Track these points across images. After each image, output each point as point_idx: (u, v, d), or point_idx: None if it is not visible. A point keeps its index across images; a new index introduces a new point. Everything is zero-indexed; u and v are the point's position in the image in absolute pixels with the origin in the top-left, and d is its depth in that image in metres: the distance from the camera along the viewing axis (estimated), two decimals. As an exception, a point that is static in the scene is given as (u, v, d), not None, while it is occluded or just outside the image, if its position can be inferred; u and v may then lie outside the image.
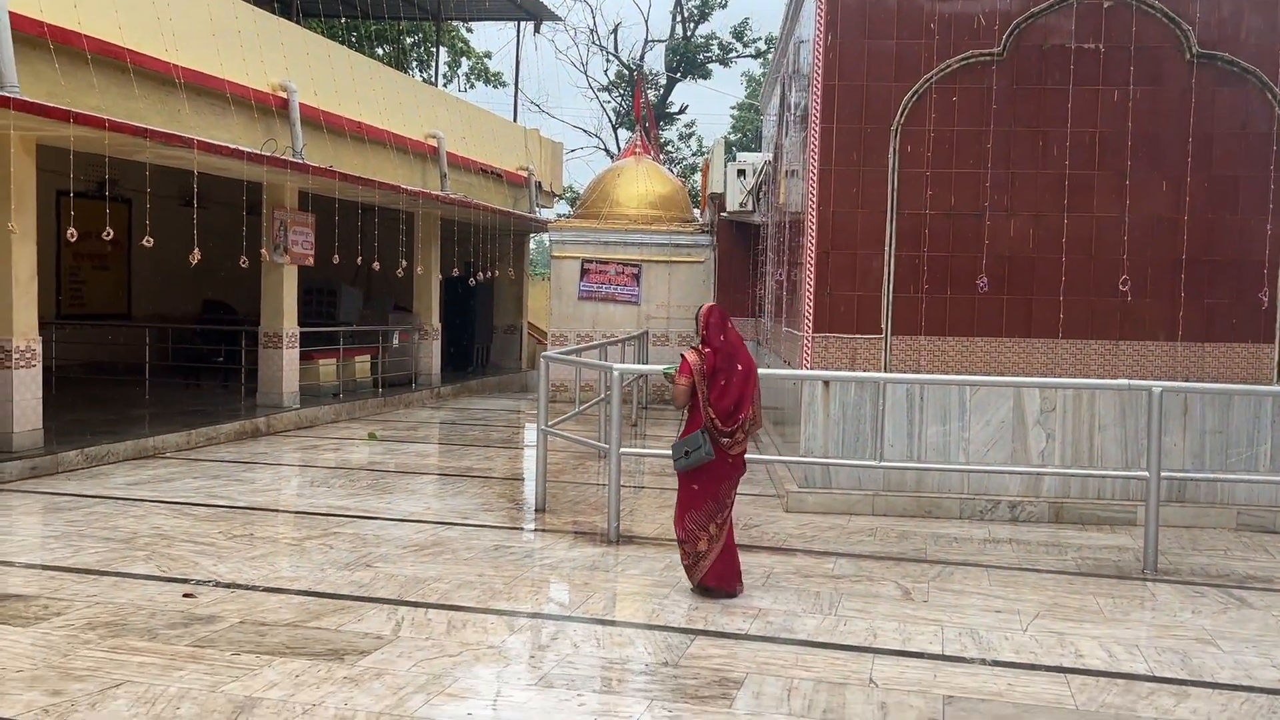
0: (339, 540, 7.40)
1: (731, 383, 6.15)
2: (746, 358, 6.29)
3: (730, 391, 6.14)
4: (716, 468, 6.16)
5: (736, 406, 6.14)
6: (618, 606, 5.98)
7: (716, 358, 6.17)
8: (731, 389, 6.14)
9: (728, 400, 6.13)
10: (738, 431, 6.15)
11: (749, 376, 6.21)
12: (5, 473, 9.27)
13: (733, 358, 6.20)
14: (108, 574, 6.36)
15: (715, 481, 6.19)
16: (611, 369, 7.65)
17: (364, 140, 14.87)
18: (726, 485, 6.23)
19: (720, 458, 6.13)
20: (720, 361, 6.17)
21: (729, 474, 6.22)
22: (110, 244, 18.27)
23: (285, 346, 13.73)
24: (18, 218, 9.34)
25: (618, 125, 40.44)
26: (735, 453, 6.20)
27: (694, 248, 18.15)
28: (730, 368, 6.18)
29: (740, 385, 6.16)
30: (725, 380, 6.15)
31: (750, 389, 6.20)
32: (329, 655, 5.02)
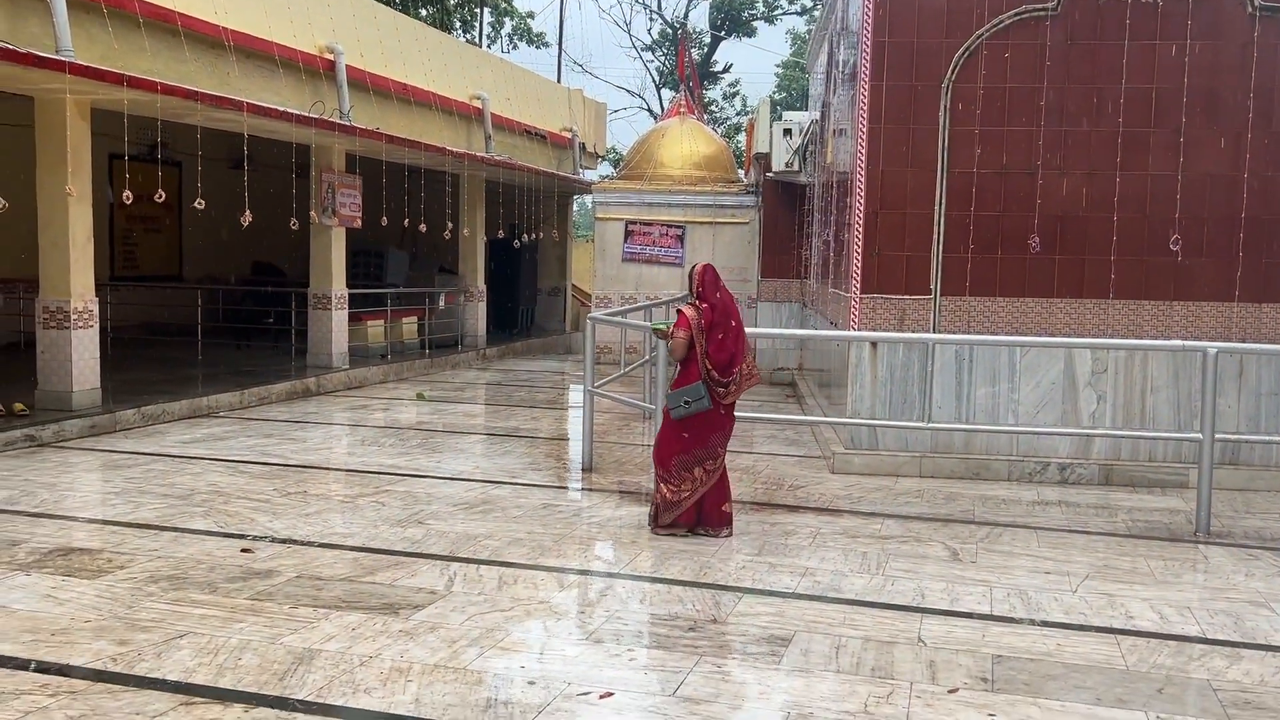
0: (390, 498, 7.52)
1: (728, 336, 6.54)
2: (738, 314, 6.72)
3: (726, 345, 6.52)
4: (711, 417, 6.56)
5: (732, 359, 6.53)
6: (665, 564, 6.03)
7: (714, 313, 6.57)
8: (728, 342, 6.53)
9: (724, 353, 6.51)
10: (731, 383, 6.54)
11: (740, 331, 6.62)
12: (66, 431, 9.50)
13: (727, 313, 6.61)
14: (167, 529, 6.52)
15: (708, 430, 6.58)
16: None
17: (410, 102, 14.92)
18: (718, 435, 6.63)
19: (715, 407, 6.53)
20: (717, 317, 6.57)
21: (721, 424, 6.63)
22: (162, 206, 18.60)
23: (334, 308, 13.89)
24: (74, 180, 9.50)
25: (661, 85, 40.19)
26: (728, 403, 6.63)
27: (738, 209, 18.02)
28: (725, 323, 6.57)
29: (735, 339, 6.56)
30: (722, 334, 6.54)
31: (743, 343, 6.61)
32: (384, 609, 5.12)
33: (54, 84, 8.85)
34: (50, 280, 9.92)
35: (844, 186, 9.81)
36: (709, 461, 6.58)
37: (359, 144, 12.74)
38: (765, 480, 8.45)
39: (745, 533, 6.76)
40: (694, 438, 6.55)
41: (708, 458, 6.58)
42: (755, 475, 8.63)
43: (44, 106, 9.66)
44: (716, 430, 6.60)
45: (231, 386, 12.02)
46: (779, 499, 7.81)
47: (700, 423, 6.54)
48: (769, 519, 7.17)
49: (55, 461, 8.58)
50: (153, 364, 13.70)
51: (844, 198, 9.77)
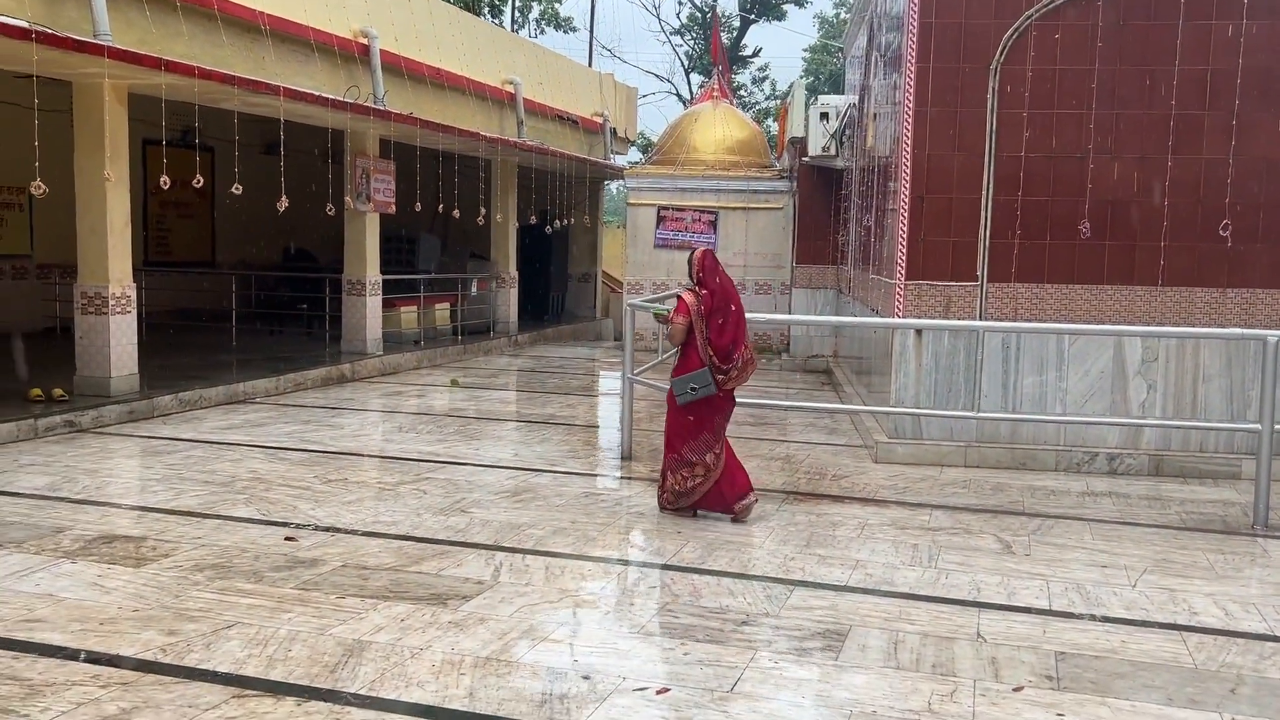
0: (432, 485, 7.46)
1: (728, 322, 6.57)
2: (738, 300, 6.71)
3: (727, 330, 6.56)
4: (714, 401, 6.62)
5: (733, 344, 6.56)
6: (712, 555, 5.94)
7: (714, 299, 6.58)
8: (728, 328, 6.56)
9: (725, 339, 6.54)
10: (733, 369, 6.56)
11: (741, 317, 6.63)
12: (104, 416, 9.50)
13: (727, 299, 6.60)
14: (210, 516, 6.49)
15: (712, 414, 6.64)
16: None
17: (443, 87, 14.84)
18: (720, 418, 6.68)
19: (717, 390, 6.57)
20: (717, 303, 6.58)
21: (723, 407, 6.69)
22: (195, 192, 18.64)
23: (368, 294, 13.85)
24: (112, 165, 9.48)
25: (690, 69, 39.93)
26: (729, 388, 6.65)
27: (772, 194, 17.86)
28: (725, 309, 6.59)
29: (735, 325, 6.58)
30: (722, 320, 6.57)
31: (744, 329, 6.64)
32: (432, 600, 5.05)
33: (92, 68, 8.82)
34: (88, 266, 9.92)
35: (887, 171, 9.65)
36: (716, 446, 6.64)
37: (393, 129, 12.67)
38: (807, 470, 8.34)
39: (792, 523, 6.66)
40: (699, 421, 6.63)
41: (715, 442, 6.64)
42: (796, 464, 8.52)
43: (82, 91, 9.64)
44: (719, 413, 6.68)
45: (267, 373, 12.01)
46: (823, 489, 7.69)
47: (703, 407, 6.61)
48: (814, 509, 7.06)
49: (95, 447, 8.58)
50: (188, 350, 13.72)
51: (887, 182, 9.61)
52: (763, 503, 7.14)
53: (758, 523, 6.66)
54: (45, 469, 7.68)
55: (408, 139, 13.56)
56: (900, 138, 8.69)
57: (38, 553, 5.63)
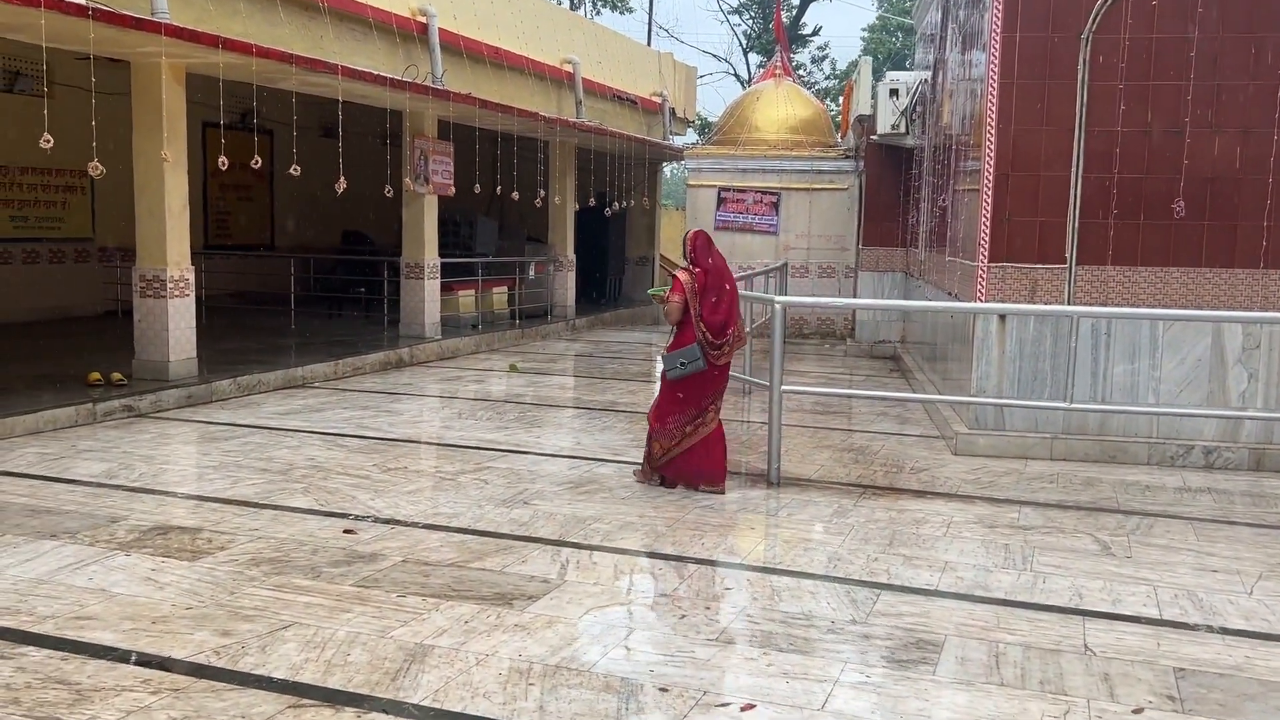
0: (493, 475, 7.21)
1: (721, 300, 6.73)
2: (731, 279, 6.90)
3: (720, 308, 6.72)
4: (705, 377, 6.76)
5: (725, 322, 6.71)
6: (790, 554, 5.60)
7: (707, 277, 6.76)
8: (722, 306, 6.72)
9: (718, 316, 6.71)
10: (725, 345, 6.73)
11: (734, 296, 6.82)
12: (162, 401, 9.39)
13: (721, 278, 6.79)
14: (267, 507, 6.28)
15: (703, 389, 6.79)
16: (773, 302, 7.20)
17: (501, 66, 14.56)
18: (712, 393, 6.83)
19: (709, 368, 6.72)
20: (710, 281, 6.76)
21: (715, 383, 6.83)
22: (254, 175, 18.61)
23: (426, 277, 13.66)
24: (170, 147, 9.33)
25: (748, 49, 39.32)
26: (722, 364, 6.80)
27: (837, 174, 17.40)
28: (719, 287, 6.76)
29: (729, 303, 6.75)
30: (715, 298, 6.74)
31: (736, 307, 6.82)
32: (496, 599, 4.78)
33: (150, 47, 8.66)
34: (147, 249, 9.80)
35: (967, 148, 9.19)
36: (700, 418, 6.81)
37: (452, 109, 12.42)
38: (884, 462, 7.96)
39: (872, 520, 6.30)
40: (689, 398, 6.79)
41: (699, 415, 6.81)
42: (872, 456, 8.14)
43: (140, 71, 9.49)
44: (712, 389, 6.83)
45: (325, 357, 11.87)
46: (902, 483, 7.31)
47: (695, 383, 6.76)
48: (895, 505, 6.69)
49: (153, 433, 8.45)
50: (246, 333, 13.64)
51: (967, 160, 9.15)
52: (840, 498, 6.80)
53: (836, 519, 6.31)
54: (102, 455, 7.55)
55: (466, 120, 13.32)
56: (984, 113, 8.24)
57: (92, 544, 5.46)
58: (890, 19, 47.84)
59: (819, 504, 6.66)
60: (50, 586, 4.82)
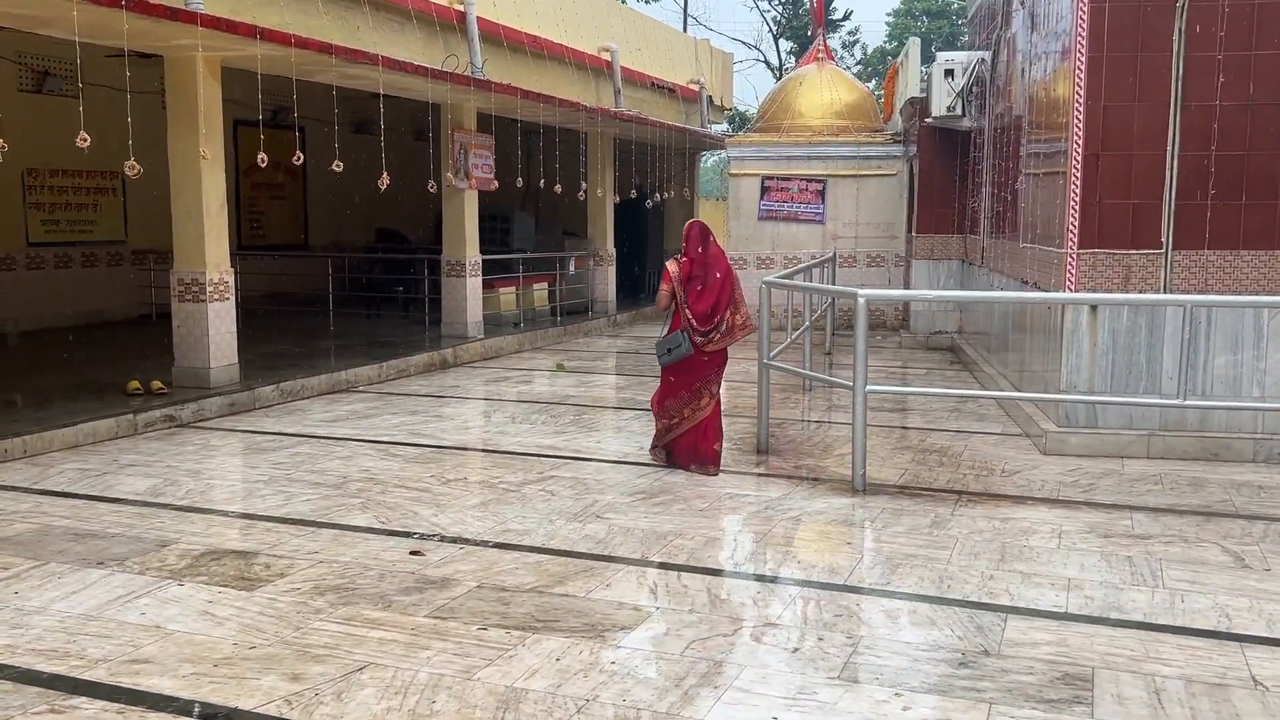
0: (558, 485, 6.78)
1: (707, 288, 6.91)
2: (725, 267, 7.02)
3: (706, 296, 6.90)
4: (694, 363, 6.97)
5: (713, 310, 6.89)
6: (897, 573, 5.14)
7: (693, 266, 6.96)
8: (707, 294, 6.91)
9: (704, 304, 6.89)
10: (713, 332, 6.92)
11: (725, 284, 6.93)
12: (205, 410, 9.02)
13: (710, 267, 6.95)
14: (325, 526, 5.88)
15: (691, 375, 7.01)
16: (857, 294, 6.71)
17: (539, 56, 14.12)
18: (703, 380, 7.02)
19: (697, 354, 6.94)
20: (696, 269, 6.95)
21: (705, 368, 7.02)
22: (287, 173, 18.29)
23: (469, 275, 13.25)
24: (207, 143, 8.95)
25: (779, 36, 38.68)
26: (711, 350, 6.97)
27: (885, 159, 16.83)
28: (707, 275, 6.93)
29: (716, 290, 6.90)
30: (701, 286, 6.92)
31: (726, 294, 6.93)
32: (587, 631, 4.35)
33: (184, 39, 8.26)
34: (184, 251, 9.44)
35: (1046, 128, 8.66)
36: (694, 402, 7.02)
37: (494, 100, 11.99)
38: (971, 464, 7.46)
39: (976, 531, 5.82)
40: (679, 382, 7.03)
41: (693, 399, 7.02)
42: (956, 458, 7.65)
43: (174, 65, 9.12)
44: (700, 375, 7.01)
45: (369, 359, 11.48)
46: (996, 488, 6.82)
47: (685, 368, 6.99)
48: (995, 513, 6.20)
49: (196, 444, 8.08)
50: (285, 336, 13.28)
51: (1046, 141, 8.61)
52: (934, 505, 6.33)
53: (936, 529, 5.84)
54: (146, 470, 7.17)
55: (507, 111, 12.89)
56: (1071, 88, 7.70)
57: (142, 572, 5.07)
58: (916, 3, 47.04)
59: (913, 513, 6.18)
60: (100, 624, 4.43)
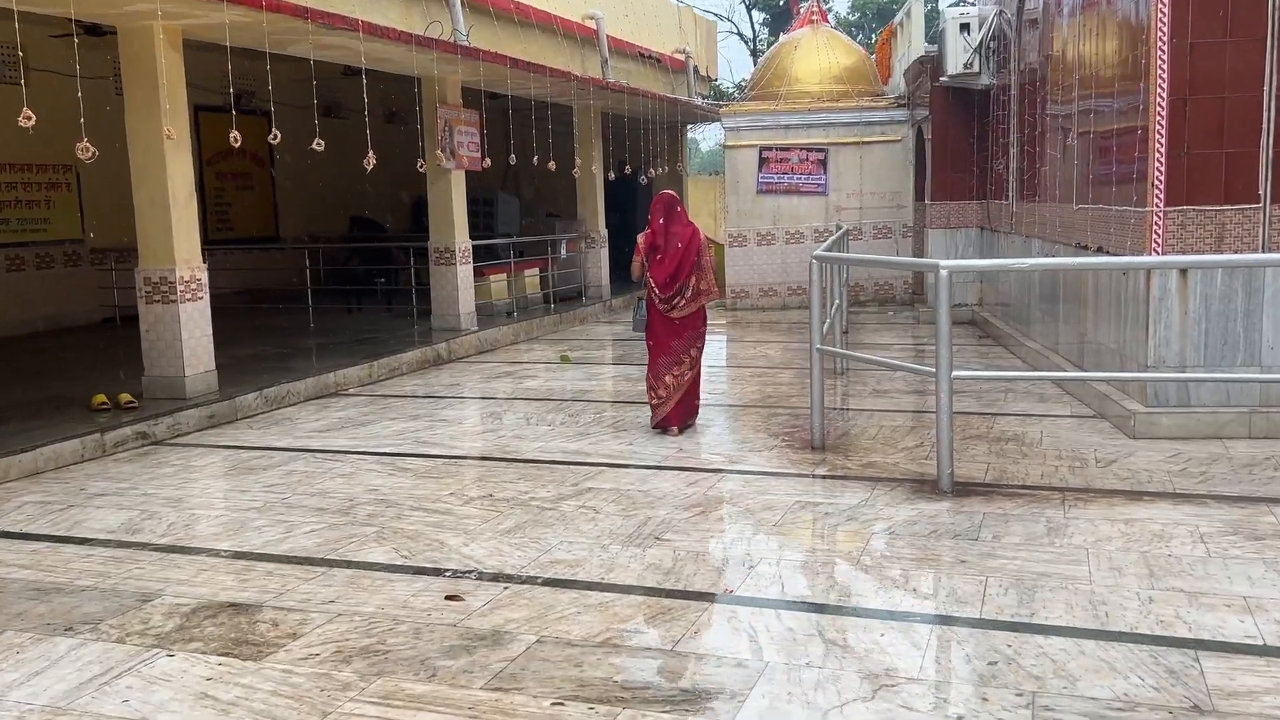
0: (599, 499, 5.87)
1: (668, 256, 7.25)
2: (690, 237, 7.28)
3: (665, 265, 7.25)
4: (664, 328, 7.33)
5: (672, 277, 7.24)
6: (1036, 600, 4.27)
7: (654, 237, 7.31)
8: (667, 262, 7.25)
9: (663, 272, 7.26)
10: (675, 298, 7.27)
11: (687, 252, 7.23)
12: (181, 424, 8.04)
13: (672, 237, 7.26)
14: (337, 564, 4.95)
15: (667, 339, 7.35)
16: (938, 267, 5.83)
17: (524, 24, 13.11)
18: (678, 343, 7.34)
19: (663, 320, 7.33)
20: (658, 240, 7.30)
21: (677, 333, 7.33)
22: (253, 162, 17.19)
23: (459, 262, 12.27)
24: (171, 122, 7.92)
25: (751, 6, 37.75)
26: (676, 316, 7.31)
27: (888, 125, 15.99)
28: (668, 245, 7.26)
29: (676, 259, 7.22)
30: (661, 255, 7.28)
31: (689, 263, 7.22)
32: (689, 703, 3.46)
33: (141, 4, 7.23)
34: (150, 246, 8.42)
35: (1109, 76, 7.79)
36: (675, 368, 7.34)
37: (483, 71, 10.99)
38: (1057, 454, 6.62)
39: (1101, 539, 4.97)
40: (657, 346, 7.39)
41: (674, 364, 7.35)
42: (1037, 447, 6.80)
43: (130, 38, 8.08)
44: (675, 338, 7.32)
45: (356, 358, 10.51)
46: (1100, 481, 5.98)
47: (661, 335, 7.35)
48: (1114, 513, 5.36)
49: (175, 464, 7.10)
50: (262, 336, 12.26)
51: (1110, 91, 7.76)
52: (1038, 506, 5.48)
53: (1056, 538, 4.99)
54: (119, 500, 6.20)
55: (496, 84, 11.89)
56: (1152, 26, 6.84)
57: (121, 639, 4.12)
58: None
59: (1020, 518, 5.33)
60: (72, 718, 3.49)
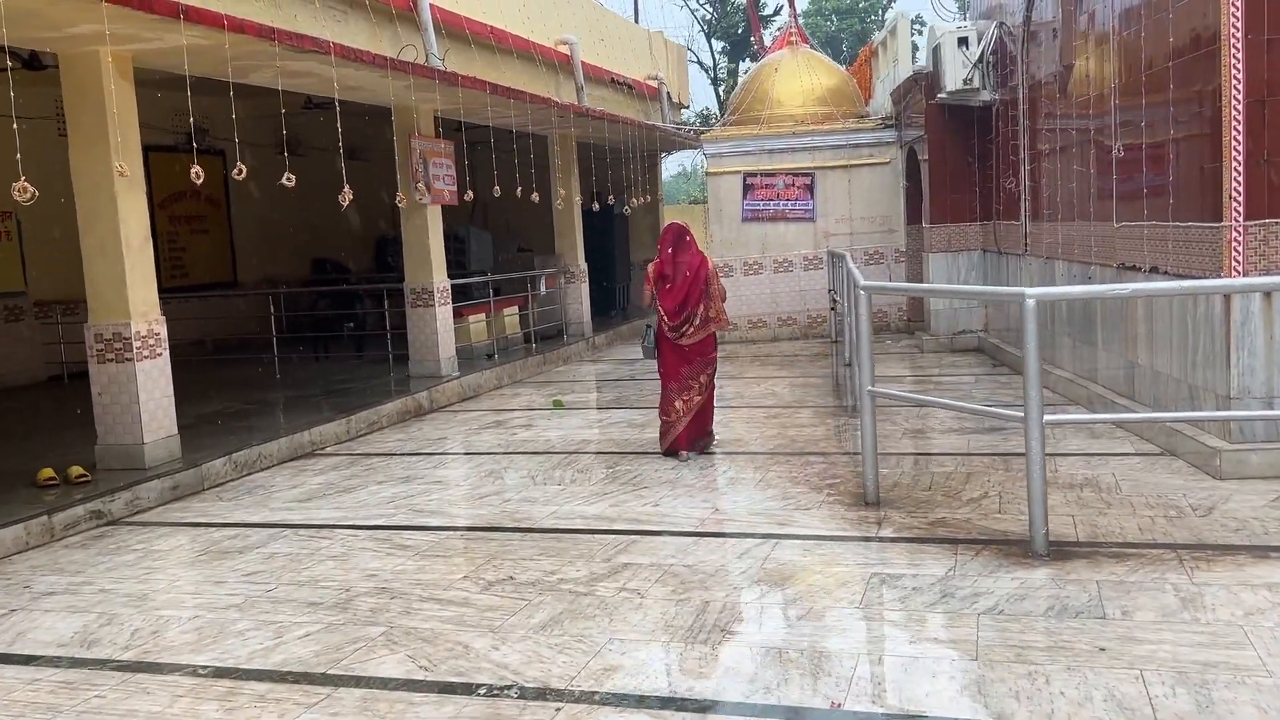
0: (640, 578, 5.03)
1: (676, 286, 7.43)
2: (698, 266, 7.46)
3: (675, 293, 7.44)
4: (675, 355, 7.53)
5: (680, 306, 7.42)
6: (1215, 701, 3.50)
7: (663, 266, 7.49)
8: (676, 291, 7.43)
9: (672, 300, 7.45)
10: (684, 325, 7.45)
11: (695, 280, 7.40)
12: (141, 499, 7.09)
13: (680, 266, 7.44)
14: (344, 681, 4.06)
15: (676, 365, 7.54)
16: (1024, 296, 5.07)
17: (500, 49, 12.36)
18: (688, 369, 7.52)
19: (673, 347, 7.53)
20: (666, 269, 7.48)
21: (687, 359, 7.51)
22: (208, 204, 16.21)
23: (437, 303, 11.40)
24: (123, 157, 7.02)
25: (710, 35, 37.36)
26: (685, 343, 7.49)
27: (876, 146, 15.39)
28: (676, 274, 7.44)
29: (685, 288, 7.40)
30: (670, 284, 7.46)
31: (697, 291, 7.39)
32: None
33: (86, 25, 6.36)
34: (101, 299, 7.50)
35: (1171, 80, 7.14)
36: (685, 394, 7.54)
37: (461, 97, 10.19)
38: (1145, 502, 5.87)
39: (1253, 611, 4.21)
40: (668, 372, 7.59)
41: (683, 390, 7.54)
42: (1118, 494, 6.06)
43: (74, 66, 7.19)
44: (685, 364, 7.51)
45: (331, 412, 9.59)
46: (1210, 535, 5.23)
47: (672, 361, 7.56)
48: (1246, 576, 4.60)
49: (136, 549, 6.16)
50: (223, 390, 11.29)
51: (1160, 101, 7.11)
52: (1156, 570, 4.72)
53: (1196, 613, 4.22)
54: (71, 600, 5.26)
55: (474, 111, 11.08)
56: (1221, 19, 6.19)
57: (78, 808, 3.21)
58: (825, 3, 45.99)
59: (1140, 586, 4.56)
60: None
